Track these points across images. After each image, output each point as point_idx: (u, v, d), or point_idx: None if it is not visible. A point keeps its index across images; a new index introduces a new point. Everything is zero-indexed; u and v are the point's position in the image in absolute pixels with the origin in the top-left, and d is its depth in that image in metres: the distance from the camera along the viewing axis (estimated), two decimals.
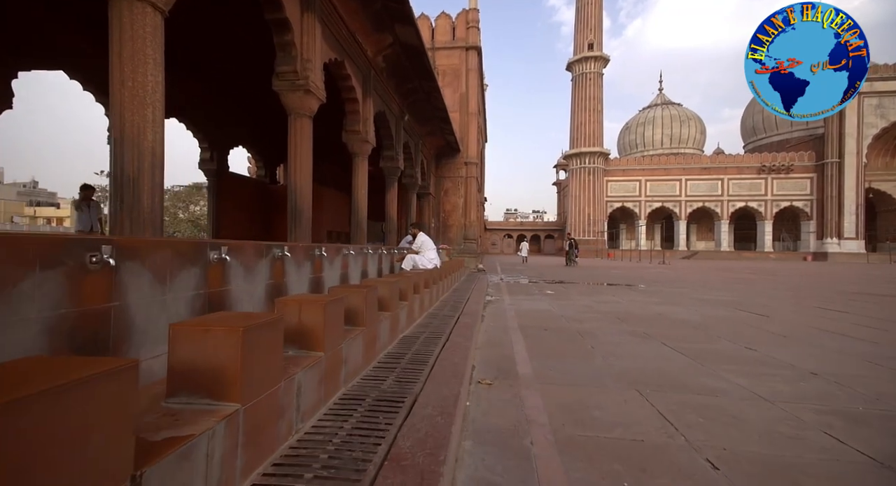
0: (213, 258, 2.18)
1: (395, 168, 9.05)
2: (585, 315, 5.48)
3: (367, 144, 6.90)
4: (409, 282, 3.83)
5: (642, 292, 8.69)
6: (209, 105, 8.68)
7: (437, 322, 4.26)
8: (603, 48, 43.55)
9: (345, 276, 4.17)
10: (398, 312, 3.40)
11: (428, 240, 6.34)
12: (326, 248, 3.75)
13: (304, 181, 4.74)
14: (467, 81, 14.48)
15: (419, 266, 5.84)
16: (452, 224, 14.60)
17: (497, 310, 5.89)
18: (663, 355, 3.42)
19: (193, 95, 8.21)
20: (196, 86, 8.08)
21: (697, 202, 42.40)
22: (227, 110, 9.21)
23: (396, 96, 8.57)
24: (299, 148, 4.72)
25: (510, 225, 63.95)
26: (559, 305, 6.49)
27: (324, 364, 1.89)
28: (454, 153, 14.45)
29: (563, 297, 7.60)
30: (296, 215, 4.69)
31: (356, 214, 6.95)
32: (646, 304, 6.70)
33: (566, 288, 9.32)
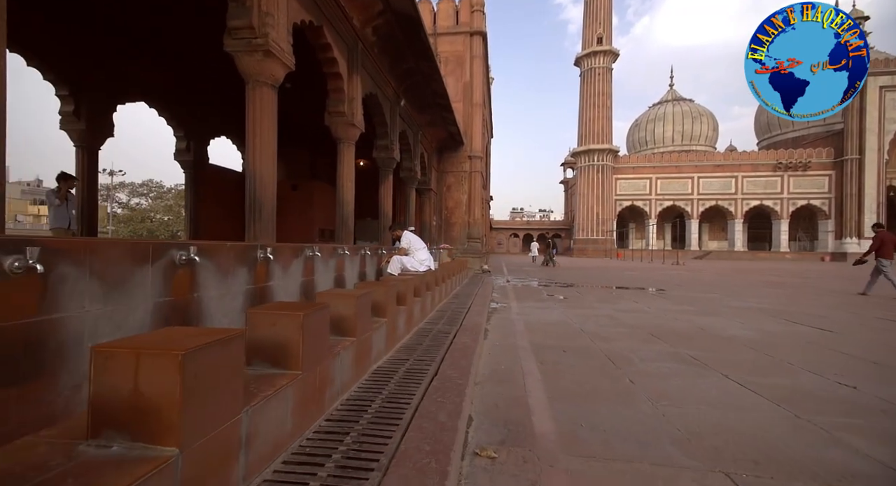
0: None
1: (389, 159, 8.14)
2: (610, 330, 4.53)
3: (354, 129, 6.00)
4: (387, 292, 2.92)
5: (668, 297, 7.71)
6: (182, 90, 7.83)
7: (427, 343, 3.34)
8: (612, 43, 42.37)
9: (308, 284, 3.27)
10: (369, 336, 2.49)
11: (416, 239, 5.43)
12: (278, 249, 2.85)
13: (265, 166, 3.84)
14: (471, 69, 13.53)
15: (409, 270, 4.94)
16: (455, 222, 13.67)
17: (503, 322, 4.96)
18: (736, 398, 2.47)
19: (164, 79, 7.37)
20: (167, 69, 7.24)
21: (710, 201, 41.06)
22: (203, 97, 8.36)
23: (391, 78, 7.66)
24: (259, 124, 3.82)
25: (516, 224, 62.88)
26: (576, 315, 5.55)
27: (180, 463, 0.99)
28: (457, 146, 13.51)
29: (579, 304, 6.65)
30: (255, 208, 3.80)
31: (341, 209, 6.05)
32: (677, 313, 5.73)
33: (579, 293, 8.36)
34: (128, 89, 6.91)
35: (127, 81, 6.81)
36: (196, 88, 8.07)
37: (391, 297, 3.01)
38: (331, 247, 3.74)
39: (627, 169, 43.39)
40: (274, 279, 2.78)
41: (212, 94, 8.46)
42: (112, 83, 6.55)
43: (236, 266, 2.45)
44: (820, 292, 9.04)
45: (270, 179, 3.88)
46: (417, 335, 3.64)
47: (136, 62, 6.80)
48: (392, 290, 3.02)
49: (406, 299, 3.55)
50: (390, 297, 2.99)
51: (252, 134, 3.79)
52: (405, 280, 3.61)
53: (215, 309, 2.25)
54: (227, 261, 2.36)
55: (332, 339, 2.22)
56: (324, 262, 3.54)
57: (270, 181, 3.88)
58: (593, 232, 42.79)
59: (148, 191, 44.63)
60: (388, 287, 2.94)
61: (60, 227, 5.77)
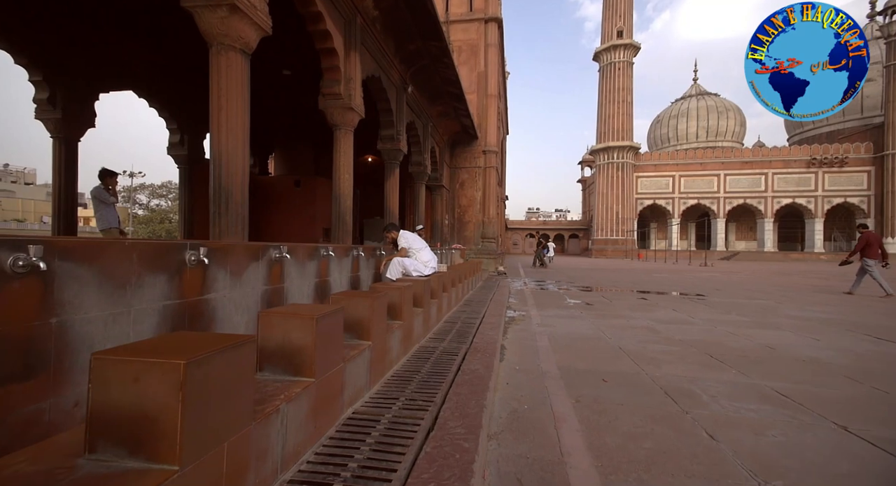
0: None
1: (395, 151, 7.44)
2: (655, 348, 3.70)
3: (352, 113, 5.31)
4: (372, 305, 2.18)
5: (710, 304, 6.77)
6: (172, 78, 7.29)
7: (426, 371, 2.59)
8: (633, 36, 40.87)
9: (275, 294, 2.55)
10: (342, 368, 1.76)
11: (415, 238, 4.68)
12: (227, 250, 2.15)
13: (233, 147, 3.16)
14: (486, 58, 12.74)
15: (412, 273, 4.20)
16: (469, 221, 12.89)
17: (523, 335, 4.18)
18: (884, 474, 1.65)
19: (152, 65, 6.83)
20: (155, 54, 6.70)
21: (738, 199, 39.12)
22: (197, 86, 7.81)
23: (396, 61, 6.96)
24: (226, 97, 3.15)
25: (532, 224, 61.64)
26: (608, 326, 4.71)
27: None
28: (471, 140, 12.74)
29: (608, 312, 5.80)
30: (220, 199, 3.12)
31: (338, 204, 5.37)
32: (730, 326, 4.83)
33: (606, 298, 7.49)
34: (111, 76, 6.40)
35: (110, 67, 6.30)
36: (188, 76, 7.54)
37: (378, 311, 2.27)
38: (310, 247, 3.03)
39: (649, 167, 41.78)
40: (217, 291, 2.07)
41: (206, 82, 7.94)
42: (92, 69, 6.04)
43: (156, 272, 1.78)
44: (876, 298, 7.91)
45: (240, 165, 3.19)
46: (416, 358, 2.90)
47: (120, 46, 6.27)
48: (379, 301, 2.29)
49: (402, 311, 2.81)
50: (377, 311, 2.25)
51: (217, 108, 3.12)
52: (401, 288, 2.87)
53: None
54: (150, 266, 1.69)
55: (280, 380, 1.50)
56: (298, 266, 2.83)
57: (240, 167, 3.19)
58: (613, 232, 41.32)
59: (167, 192, 45.32)
60: (373, 299, 2.20)
61: (113, 227, 5.44)
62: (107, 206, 5.35)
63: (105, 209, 5.36)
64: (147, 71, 6.88)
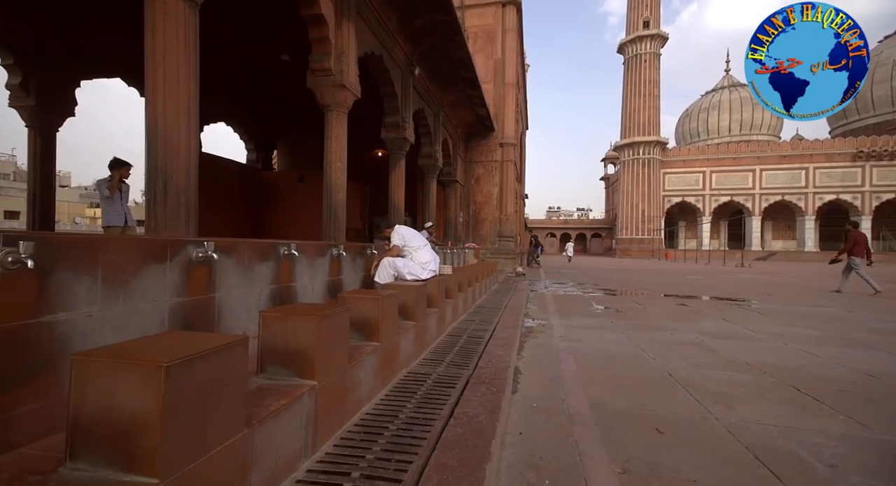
0: None
1: (400, 140, 6.75)
2: (717, 375, 2.85)
3: (345, 92, 4.64)
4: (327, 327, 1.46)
5: (765, 313, 5.78)
6: None
7: (406, 415, 1.86)
8: (661, 26, 39.02)
9: (202, 307, 1.87)
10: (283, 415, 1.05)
11: (412, 234, 3.91)
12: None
13: (172, 116, 2.50)
14: (504, 44, 11.90)
15: (406, 277, 3.47)
16: (485, 218, 12.08)
17: (543, 354, 3.39)
18: None
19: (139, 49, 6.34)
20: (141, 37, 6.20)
21: (775, 195, 36.75)
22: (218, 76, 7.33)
23: (401, 39, 6.26)
24: (164, 50, 2.50)
25: (553, 223, 60.12)
26: (648, 341, 3.87)
27: None
28: (487, 132, 11.93)
29: (644, 321, 4.93)
30: (158, 183, 2.46)
31: (328, 198, 4.70)
32: (803, 342, 3.90)
33: (639, 303, 6.58)
34: (93, 61, 5.93)
35: (92, 51, 5.82)
36: None
37: (332, 334, 1.55)
38: (267, 244, 2.34)
39: (677, 162, 39.81)
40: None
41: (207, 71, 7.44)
42: (72, 53, 5.57)
43: None
44: None
45: (183, 140, 2.54)
46: (397, 393, 2.17)
47: (104, 26, 5.79)
48: (333, 321, 1.57)
49: (379, 330, 2.09)
50: (326, 335, 1.53)
51: (152, 67, 2.48)
52: (380, 297, 2.15)
53: None
54: None
55: None
56: (244, 272, 2.13)
57: (183, 143, 2.54)
58: (638, 231, 39.60)
59: None
60: (320, 318, 1.49)
61: (115, 225, 4.86)
62: (108, 200, 4.81)
63: (107, 204, 4.83)
64: (134, 56, 6.40)
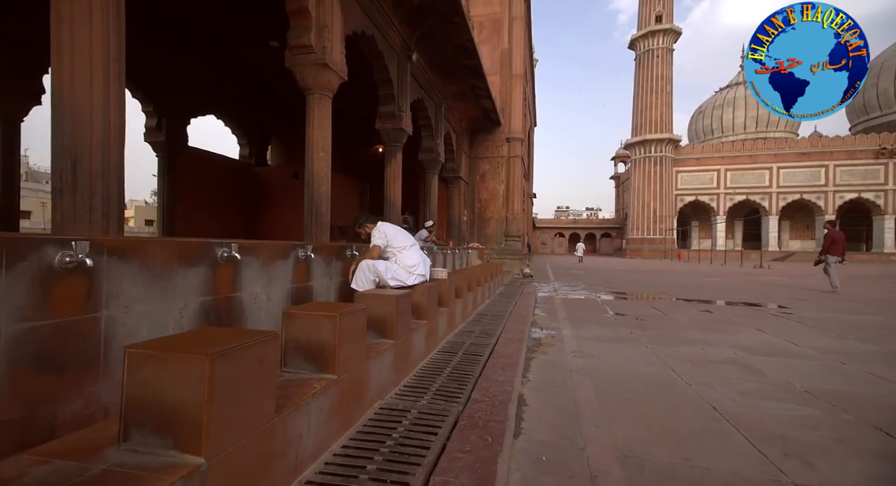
0: None
1: (396, 131, 6.22)
2: (774, 408, 2.26)
3: (329, 72, 4.11)
4: (242, 356, 0.93)
5: (806, 322, 5.13)
6: (146, 51, 6.35)
7: (374, 466, 1.31)
8: (673, 20, 38.00)
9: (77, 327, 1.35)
10: None
11: (397, 232, 3.22)
12: None
13: (82, 82, 1.99)
14: (511, 33, 11.31)
15: (388, 283, 2.91)
16: (491, 217, 11.50)
17: (554, 378, 2.82)
18: None
19: None
20: None
21: (793, 194, 35.52)
22: (177, 62, 6.88)
23: (396, 20, 5.72)
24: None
25: (562, 223, 59.24)
26: (677, 357, 3.27)
27: None
28: (493, 127, 11.35)
29: (668, 330, 4.32)
30: (65, 167, 1.95)
31: (310, 191, 4.17)
32: (863, 361, 3.27)
33: (659, 309, 5.95)
34: None
35: None
36: (166, 50, 6.60)
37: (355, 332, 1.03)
38: (195, 245, 1.81)
39: (690, 160, 38.73)
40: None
41: (189, 56, 6.97)
42: (39, 35, 5.13)
43: None
44: None
45: (99, 113, 2.02)
46: (362, 444, 1.62)
47: None
48: (355, 316, 1.08)
49: (335, 361, 1.55)
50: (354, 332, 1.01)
51: (57, 17, 1.96)
52: (335, 316, 1.61)
53: None
54: None
55: None
56: (155, 282, 1.60)
57: (99, 117, 2.02)
58: (649, 231, 38.61)
59: None
60: (342, 315, 0.97)
61: None
62: None
63: None
64: None
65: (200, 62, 7.16)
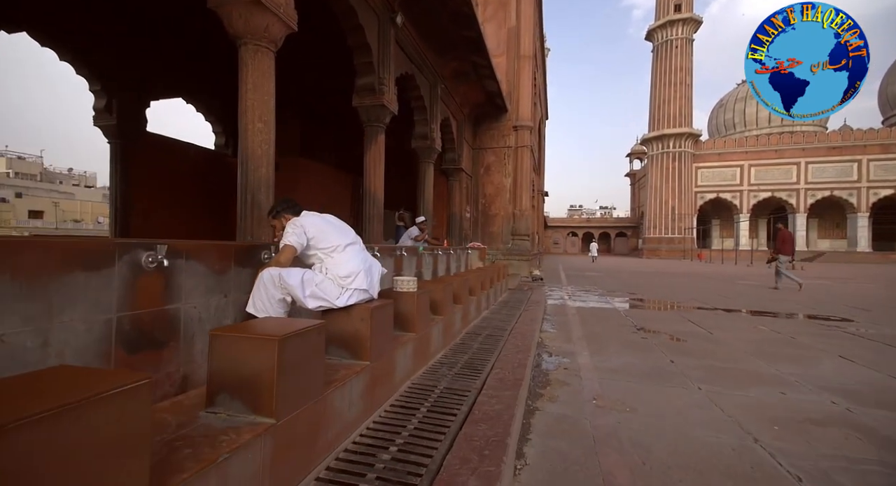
0: None
1: (377, 108, 5.21)
2: None
3: (267, 15, 3.11)
4: None
5: (891, 341, 3.94)
6: (86, 21, 5.43)
7: None
8: (693, 9, 36.22)
9: None
10: None
11: (325, 224, 2.08)
12: None
13: None
14: (518, 9, 10.18)
15: (307, 305, 1.85)
16: (496, 214, 10.39)
17: (566, 459, 1.74)
18: None
19: None
20: None
21: (823, 190, 33.48)
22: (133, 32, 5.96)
23: None
24: None
25: (575, 222, 57.59)
26: (754, 413, 2.17)
27: None
28: (498, 114, 10.25)
29: (723, 360, 3.20)
30: None
31: (246, 171, 3.17)
32: None
33: (698, 323, 4.80)
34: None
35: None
36: (112, 17, 5.67)
37: None
38: None
39: (711, 156, 36.92)
40: None
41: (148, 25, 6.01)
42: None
43: None
44: None
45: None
46: None
47: None
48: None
49: None
50: None
51: None
52: None
53: None
54: None
55: None
56: None
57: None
58: (667, 230, 36.94)
59: None
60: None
61: None
62: None
63: None
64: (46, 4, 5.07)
65: (164, 34, 6.23)
